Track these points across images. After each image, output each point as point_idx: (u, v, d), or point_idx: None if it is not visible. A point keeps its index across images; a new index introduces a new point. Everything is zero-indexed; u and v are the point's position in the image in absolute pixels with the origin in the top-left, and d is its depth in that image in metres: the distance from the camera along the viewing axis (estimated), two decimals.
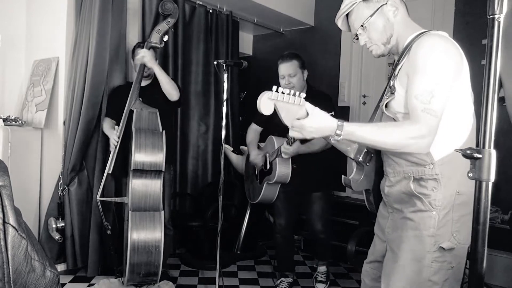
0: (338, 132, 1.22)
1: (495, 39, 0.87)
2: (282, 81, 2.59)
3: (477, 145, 0.91)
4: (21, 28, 3.22)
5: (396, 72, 1.34)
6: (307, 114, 1.21)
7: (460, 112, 1.30)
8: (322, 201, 2.75)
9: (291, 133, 1.26)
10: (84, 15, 2.82)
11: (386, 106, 1.37)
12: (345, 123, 1.23)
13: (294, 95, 1.18)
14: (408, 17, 1.41)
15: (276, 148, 2.59)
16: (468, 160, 0.89)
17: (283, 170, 2.57)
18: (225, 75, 2.33)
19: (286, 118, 1.20)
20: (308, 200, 2.76)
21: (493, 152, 0.88)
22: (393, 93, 1.33)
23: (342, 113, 4.07)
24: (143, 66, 2.61)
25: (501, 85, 1.64)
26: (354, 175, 1.45)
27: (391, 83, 1.35)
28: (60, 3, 2.93)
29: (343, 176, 1.47)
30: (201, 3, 3.63)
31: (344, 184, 1.48)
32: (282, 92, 1.18)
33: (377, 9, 1.36)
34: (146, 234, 2.44)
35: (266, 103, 1.17)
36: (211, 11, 3.75)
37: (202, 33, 3.66)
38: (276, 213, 2.81)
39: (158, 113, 2.59)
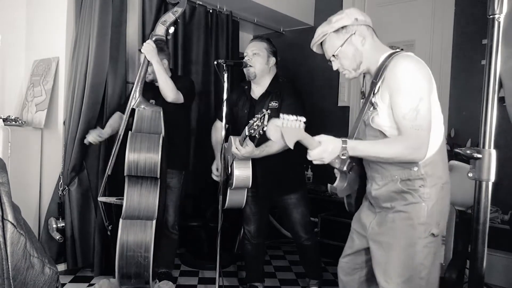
0: (343, 145, 1.41)
1: (495, 39, 0.88)
2: (244, 60, 2.44)
3: (477, 145, 0.91)
4: (21, 28, 3.22)
5: (376, 90, 1.48)
6: (319, 143, 1.40)
7: (435, 120, 1.45)
8: (300, 207, 2.54)
9: (311, 158, 1.43)
10: (84, 15, 2.82)
11: (372, 120, 1.51)
12: (348, 140, 1.43)
13: (296, 120, 1.34)
14: (375, 40, 1.58)
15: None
16: (446, 159, 0.91)
17: (241, 173, 2.31)
18: (225, 75, 2.32)
19: (288, 140, 1.35)
20: (284, 207, 2.56)
21: (493, 152, 0.88)
22: (375, 109, 1.49)
23: (342, 113, 4.08)
24: (147, 61, 2.46)
25: (501, 85, 1.65)
26: (338, 183, 1.60)
27: (373, 100, 1.50)
28: (60, 3, 2.93)
29: (329, 184, 1.63)
30: (201, 3, 3.63)
31: (330, 192, 1.64)
32: (287, 119, 1.34)
33: (346, 40, 1.54)
34: (136, 243, 2.32)
35: (274, 130, 1.34)
36: (211, 11, 3.74)
37: (202, 33, 3.65)
38: (245, 219, 2.62)
39: (161, 112, 2.45)
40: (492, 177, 0.89)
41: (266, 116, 1.83)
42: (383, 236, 1.53)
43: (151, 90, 2.60)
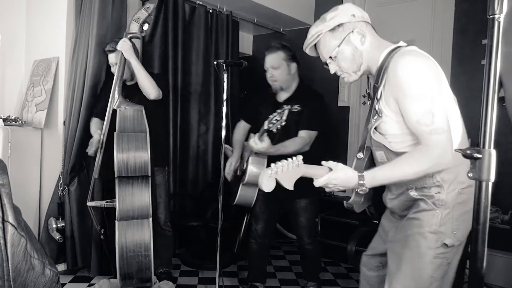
0: (361, 182, 1.28)
1: (495, 39, 0.87)
2: (267, 74, 2.46)
3: (477, 145, 0.91)
4: (21, 28, 3.22)
5: (378, 95, 1.34)
6: (330, 169, 1.29)
7: (449, 117, 1.30)
8: (308, 212, 2.55)
9: (319, 184, 1.31)
10: (84, 15, 2.82)
11: (375, 128, 1.38)
12: (365, 174, 1.29)
13: (292, 161, 1.23)
14: (375, 37, 1.41)
15: None
16: (467, 160, 0.90)
17: (254, 170, 2.34)
18: (225, 75, 2.32)
19: (287, 183, 1.25)
20: (293, 210, 2.58)
21: (493, 152, 0.88)
22: (380, 116, 1.34)
23: (342, 113, 4.08)
24: (124, 59, 2.46)
25: (501, 85, 1.65)
26: (355, 198, 1.47)
27: (376, 106, 1.35)
28: (60, 3, 2.93)
29: (345, 202, 1.51)
30: (201, 3, 3.63)
31: (347, 208, 1.51)
32: (281, 166, 1.23)
33: (344, 38, 1.37)
34: (135, 243, 2.32)
35: (268, 181, 1.23)
36: (211, 11, 3.74)
37: (202, 33, 3.65)
38: (254, 217, 2.64)
39: (143, 110, 2.42)
40: (492, 177, 0.88)
41: (286, 112, 1.86)
42: (396, 245, 1.44)
43: (123, 90, 2.56)
